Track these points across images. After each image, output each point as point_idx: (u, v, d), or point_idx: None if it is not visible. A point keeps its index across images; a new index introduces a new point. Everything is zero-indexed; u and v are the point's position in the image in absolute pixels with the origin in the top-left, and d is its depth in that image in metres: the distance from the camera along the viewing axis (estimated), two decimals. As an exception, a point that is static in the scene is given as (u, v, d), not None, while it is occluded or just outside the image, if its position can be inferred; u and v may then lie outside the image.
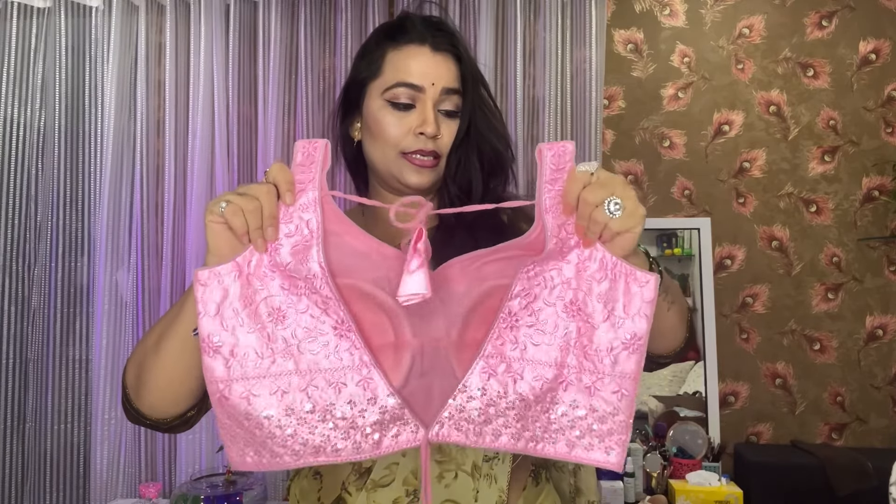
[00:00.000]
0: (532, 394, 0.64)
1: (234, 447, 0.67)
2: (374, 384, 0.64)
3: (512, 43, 2.34)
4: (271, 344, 0.64)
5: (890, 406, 2.36)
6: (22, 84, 2.31)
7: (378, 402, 0.63)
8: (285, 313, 0.64)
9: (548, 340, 0.64)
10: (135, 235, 2.29)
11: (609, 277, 0.65)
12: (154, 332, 0.77)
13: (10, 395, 2.25)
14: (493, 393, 0.63)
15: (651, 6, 2.51)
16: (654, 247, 2.56)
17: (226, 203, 0.64)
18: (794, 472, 2.15)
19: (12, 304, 2.27)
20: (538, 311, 0.64)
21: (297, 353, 0.64)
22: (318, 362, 0.64)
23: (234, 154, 2.32)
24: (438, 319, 0.68)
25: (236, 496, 1.92)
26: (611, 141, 2.50)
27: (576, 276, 0.65)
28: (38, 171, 2.33)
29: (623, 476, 2.15)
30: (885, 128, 2.41)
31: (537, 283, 0.65)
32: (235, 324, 0.65)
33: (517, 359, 0.64)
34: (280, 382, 0.64)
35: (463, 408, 0.64)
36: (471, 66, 0.91)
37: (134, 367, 0.78)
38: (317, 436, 0.64)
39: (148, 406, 0.77)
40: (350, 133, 0.94)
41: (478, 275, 0.68)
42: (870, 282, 2.38)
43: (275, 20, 2.32)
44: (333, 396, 0.63)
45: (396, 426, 0.65)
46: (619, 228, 0.63)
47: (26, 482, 2.27)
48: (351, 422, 0.64)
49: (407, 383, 0.66)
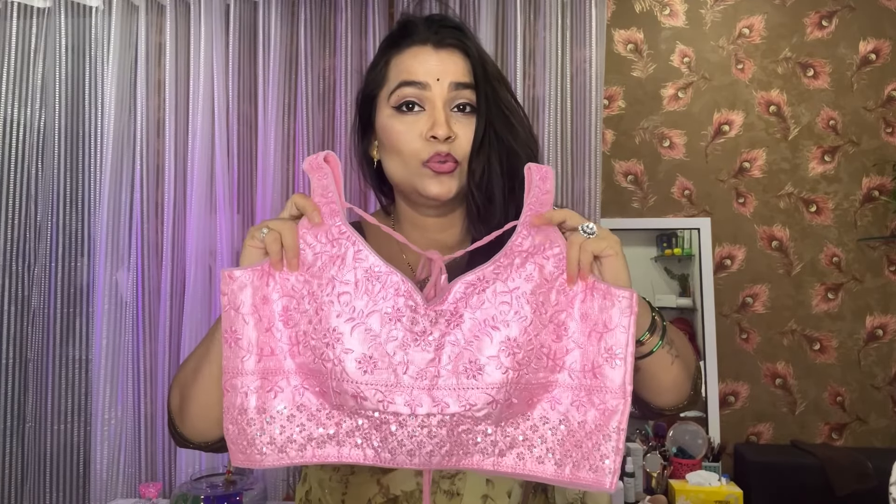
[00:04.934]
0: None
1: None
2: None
3: (512, 43, 2.34)
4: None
5: (890, 406, 2.36)
6: (22, 84, 2.31)
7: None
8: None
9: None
10: (135, 235, 2.29)
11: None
12: (193, 357, 0.79)
13: (9, 395, 2.25)
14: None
15: (651, 6, 2.51)
16: (654, 247, 2.57)
17: (267, 230, 0.68)
18: (794, 472, 2.15)
19: (12, 304, 2.27)
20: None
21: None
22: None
23: (234, 154, 2.32)
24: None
25: (236, 496, 1.92)
26: (611, 141, 2.50)
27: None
28: (38, 171, 2.33)
29: (623, 476, 2.15)
30: (885, 128, 2.41)
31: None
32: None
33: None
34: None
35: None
36: (482, 59, 0.83)
37: (177, 393, 0.80)
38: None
39: (190, 429, 0.79)
40: (369, 153, 0.89)
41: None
42: (870, 282, 2.38)
43: (275, 20, 2.32)
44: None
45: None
46: (595, 248, 0.66)
47: (26, 482, 2.26)
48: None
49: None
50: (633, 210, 2.49)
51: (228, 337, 0.69)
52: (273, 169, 2.29)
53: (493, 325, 0.65)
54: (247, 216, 2.36)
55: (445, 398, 0.65)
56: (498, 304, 0.66)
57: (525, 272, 0.67)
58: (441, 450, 0.66)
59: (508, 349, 0.65)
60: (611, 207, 2.49)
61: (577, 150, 2.34)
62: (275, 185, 2.30)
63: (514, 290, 0.66)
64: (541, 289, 0.67)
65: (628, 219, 2.49)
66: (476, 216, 0.82)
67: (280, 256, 0.68)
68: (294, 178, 2.35)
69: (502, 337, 0.65)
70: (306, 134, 2.33)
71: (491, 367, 0.64)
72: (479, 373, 0.64)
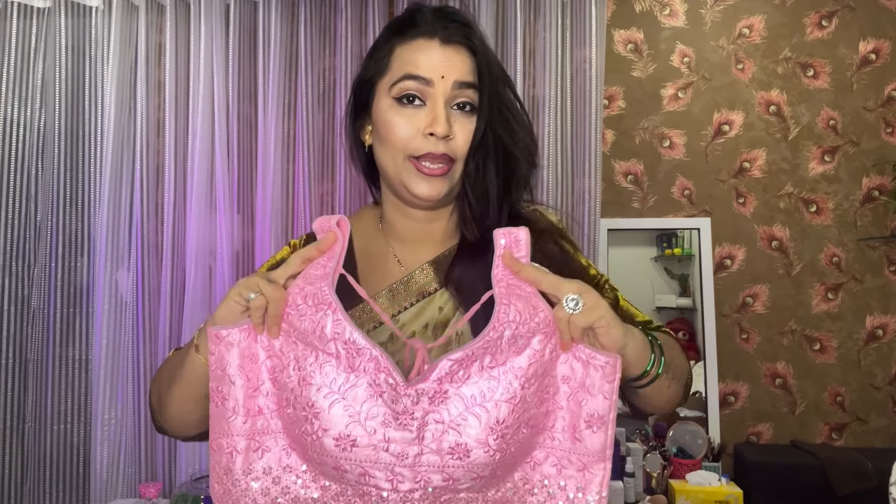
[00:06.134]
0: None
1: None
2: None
3: (512, 43, 2.34)
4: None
5: (890, 406, 2.36)
6: (22, 84, 2.31)
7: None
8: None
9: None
10: (135, 235, 2.29)
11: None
12: (169, 366, 0.81)
13: (9, 395, 2.25)
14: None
15: (651, 6, 2.51)
16: (654, 247, 2.57)
17: (255, 295, 0.65)
18: (794, 472, 2.15)
19: (12, 304, 2.27)
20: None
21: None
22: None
23: (234, 154, 2.32)
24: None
25: (236, 496, 1.92)
26: (611, 141, 2.50)
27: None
28: (38, 171, 2.33)
29: (623, 476, 2.15)
30: (885, 128, 2.41)
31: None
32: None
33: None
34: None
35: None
36: (488, 59, 0.82)
37: (156, 394, 0.83)
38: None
39: (169, 426, 0.83)
40: (361, 137, 0.88)
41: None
42: (870, 282, 2.38)
43: (275, 20, 2.32)
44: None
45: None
46: (583, 323, 0.63)
47: (26, 482, 2.26)
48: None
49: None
50: (633, 210, 2.49)
51: (215, 396, 0.67)
52: (273, 169, 2.29)
53: (481, 403, 0.63)
54: (247, 216, 2.36)
55: (428, 475, 0.63)
56: (486, 379, 0.63)
57: (516, 346, 0.64)
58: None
59: (497, 432, 0.62)
60: (611, 207, 2.49)
61: (577, 150, 2.34)
62: (274, 185, 2.29)
63: (502, 365, 0.64)
64: (531, 360, 0.64)
65: (628, 219, 2.49)
66: (469, 216, 0.82)
67: (261, 322, 0.66)
68: (294, 178, 2.35)
69: (491, 420, 0.62)
70: (306, 134, 2.33)
71: (479, 451, 0.62)
72: (466, 455, 0.62)
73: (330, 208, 2.38)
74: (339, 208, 2.35)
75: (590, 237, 2.31)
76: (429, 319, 0.81)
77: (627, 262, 2.54)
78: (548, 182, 2.30)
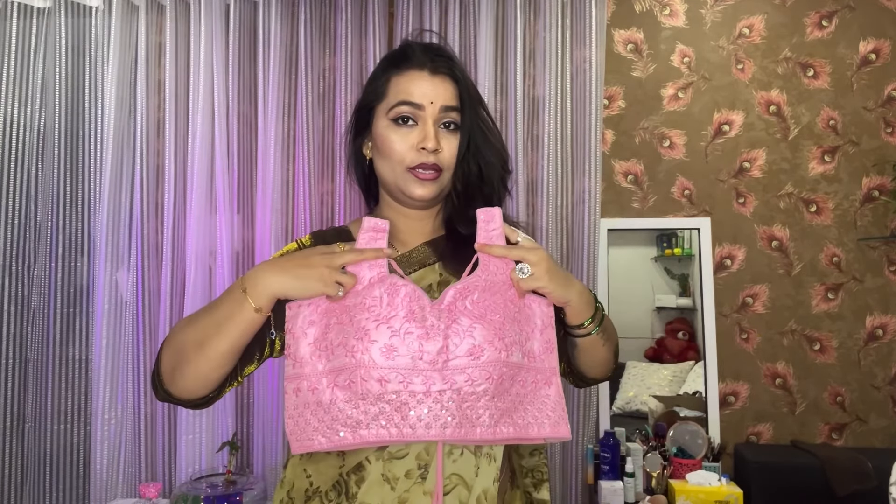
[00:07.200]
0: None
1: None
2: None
3: (512, 43, 2.34)
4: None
5: (890, 406, 2.36)
6: (22, 84, 2.32)
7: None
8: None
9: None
10: (135, 235, 2.30)
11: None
12: (197, 329, 0.89)
13: (9, 395, 2.25)
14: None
15: (651, 6, 2.51)
16: (654, 247, 2.57)
17: (343, 292, 0.87)
18: (794, 472, 2.15)
19: (12, 304, 2.27)
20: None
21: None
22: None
23: (234, 154, 2.32)
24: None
25: (236, 496, 1.92)
26: (611, 141, 2.50)
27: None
28: (38, 171, 2.33)
29: (623, 476, 2.15)
30: (885, 128, 2.41)
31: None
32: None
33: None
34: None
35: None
36: (468, 86, 1.00)
37: (172, 357, 0.90)
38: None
39: (180, 390, 0.90)
40: (363, 151, 1.05)
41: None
42: (870, 282, 2.38)
43: (275, 20, 2.32)
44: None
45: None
46: (526, 287, 0.89)
47: (26, 482, 2.27)
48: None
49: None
50: (633, 210, 2.49)
51: (289, 351, 0.88)
52: (273, 169, 2.29)
53: (481, 316, 0.86)
54: (247, 216, 2.36)
55: (453, 376, 0.83)
56: (481, 301, 0.87)
57: (497, 285, 0.90)
58: (452, 422, 0.83)
59: (499, 335, 0.85)
60: (611, 207, 2.49)
61: (577, 150, 2.34)
62: (275, 185, 2.29)
63: (491, 295, 0.88)
64: (505, 295, 0.89)
65: (628, 219, 2.49)
66: (456, 212, 1.02)
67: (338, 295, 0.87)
68: (294, 178, 2.35)
69: (492, 327, 0.85)
70: (306, 134, 2.33)
71: (490, 350, 0.84)
72: (481, 354, 0.83)
73: (330, 208, 2.38)
74: (339, 208, 2.35)
75: (590, 237, 2.31)
76: (431, 281, 0.99)
77: (627, 262, 2.54)
78: (548, 182, 2.30)
